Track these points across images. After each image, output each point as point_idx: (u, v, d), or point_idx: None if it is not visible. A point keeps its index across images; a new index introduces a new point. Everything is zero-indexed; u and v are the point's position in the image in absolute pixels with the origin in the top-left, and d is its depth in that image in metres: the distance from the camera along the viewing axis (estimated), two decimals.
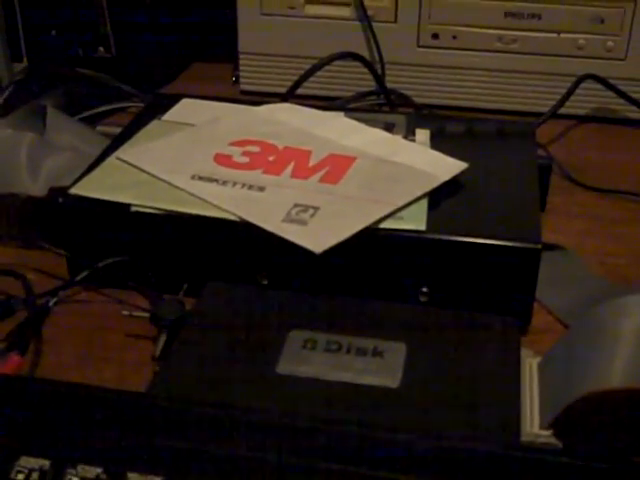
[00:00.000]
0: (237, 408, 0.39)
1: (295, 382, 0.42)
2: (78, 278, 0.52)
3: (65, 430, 0.37)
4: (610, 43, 0.75)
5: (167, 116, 0.63)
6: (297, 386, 0.42)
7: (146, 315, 0.49)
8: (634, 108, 0.76)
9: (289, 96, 0.71)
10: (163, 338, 0.47)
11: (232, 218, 0.50)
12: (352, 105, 0.75)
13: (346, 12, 0.78)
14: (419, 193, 0.51)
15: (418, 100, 0.77)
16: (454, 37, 0.77)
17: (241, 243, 0.51)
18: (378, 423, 0.39)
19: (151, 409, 0.39)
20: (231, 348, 0.45)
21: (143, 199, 0.51)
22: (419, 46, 0.78)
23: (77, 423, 0.37)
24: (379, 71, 0.77)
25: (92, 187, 0.53)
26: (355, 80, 0.78)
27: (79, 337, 0.50)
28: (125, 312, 0.50)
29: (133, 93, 0.76)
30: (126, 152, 0.57)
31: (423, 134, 0.60)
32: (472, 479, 0.35)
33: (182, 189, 0.52)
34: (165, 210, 0.51)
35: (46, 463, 0.35)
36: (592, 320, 0.41)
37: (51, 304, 0.52)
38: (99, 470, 0.35)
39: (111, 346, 0.49)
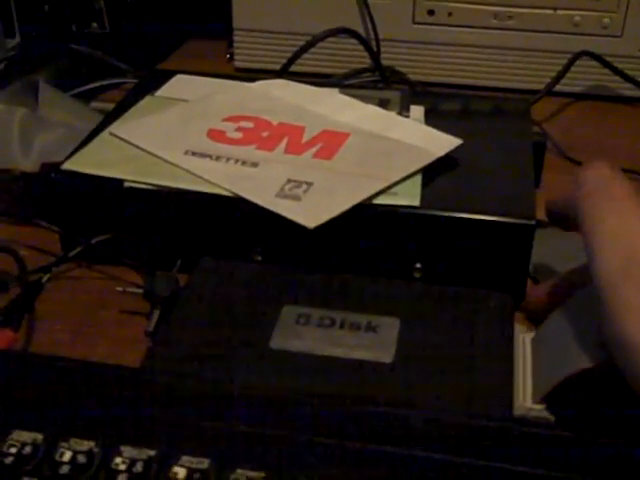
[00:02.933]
0: (230, 382, 0.39)
1: (288, 357, 0.42)
2: (71, 254, 0.52)
3: (58, 404, 0.37)
4: (606, 20, 0.74)
5: (161, 92, 0.62)
6: (290, 361, 0.42)
7: (139, 291, 0.49)
8: (630, 85, 0.75)
9: (283, 73, 0.71)
10: (157, 314, 0.47)
11: (225, 194, 0.50)
12: (347, 82, 0.75)
13: None
14: (413, 169, 0.51)
15: (413, 77, 0.77)
16: (450, 14, 0.76)
17: (234, 219, 0.50)
18: (371, 398, 0.39)
19: (144, 383, 0.39)
20: (224, 323, 0.45)
21: (136, 175, 0.51)
22: (414, 22, 0.77)
23: (70, 397, 0.37)
24: (374, 48, 0.77)
25: (85, 162, 0.52)
26: (350, 57, 0.78)
27: (72, 313, 0.50)
28: (118, 288, 0.50)
29: (127, 69, 0.76)
30: (119, 128, 0.56)
31: (418, 110, 0.60)
32: (465, 452, 0.35)
33: (175, 164, 0.52)
34: (158, 186, 0.51)
35: (39, 437, 0.35)
36: (584, 296, 0.41)
37: (44, 280, 0.52)
38: (92, 444, 0.35)
39: (105, 322, 0.49)
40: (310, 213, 0.48)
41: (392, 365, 0.42)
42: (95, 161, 0.53)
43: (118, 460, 0.34)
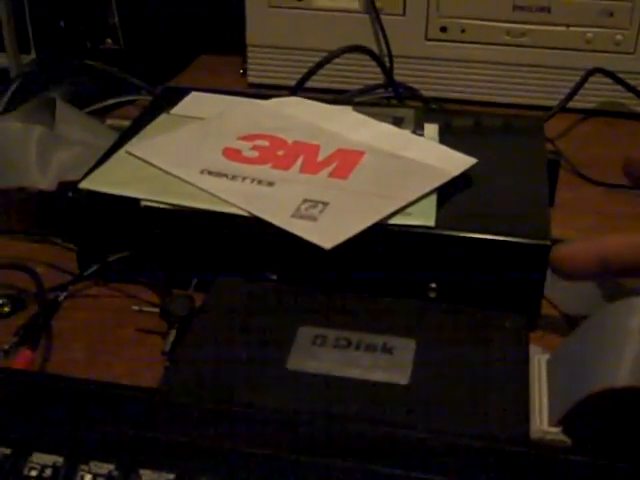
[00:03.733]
0: (248, 404, 0.39)
1: (305, 378, 0.43)
2: (88, 273, 0.52)
3: (77, 426, 0.37)
4: (619, 37, 0.74)
5: (176, 109, 0.63)
6: (307, 382, 0.42)
7: (156, 310, 0.49)
8: None
9: (297, 89, 0.71)
10: (173, 333, 0.48)
11: (241, 213, 0.50)
12: (360, 98, 0.75)
13: (354, 5, 0.78)
14: (428, 188, 0.51)
15: (426, 93, 0.77)
16: (462, 30, 0.77)
17: (250, 238, 0.51)
18: (387, 420, 0.39)
19: (162, 405, 0.39)
20: (241, 344, 0.45)
21: (153, 194, 0.52)
22: (427, 39, 0.78)
23: (89, 419, 0.37)
24: (387, 64, 0.77)
25: (102, 181, 0.53)
26: (363, 73, 0.78)
27: (89, 332, 0.50)
28: (135, 307, 0.50)
29: (141, 86, 0.76)
30: (135, 146, 0.57)
31: (432, 129, 0.60)
32: (481, 476, 0.35)
33: (192, 184, 0.52)
34: (175, 205, 0.51)
35: (59, 460, 0.35)
36: (601, 318, 0.41)
37: (61, 299, 0.52)
38: (111, 467, 0.35)
39: (121, 341, 0.49)
40: (326, 233, 0.48)
41: (408, 387, 0.42)
42: (112, 180, 0.53)
43: None
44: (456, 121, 0.63)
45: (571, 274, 0.45)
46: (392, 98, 0.76)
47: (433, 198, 0.51)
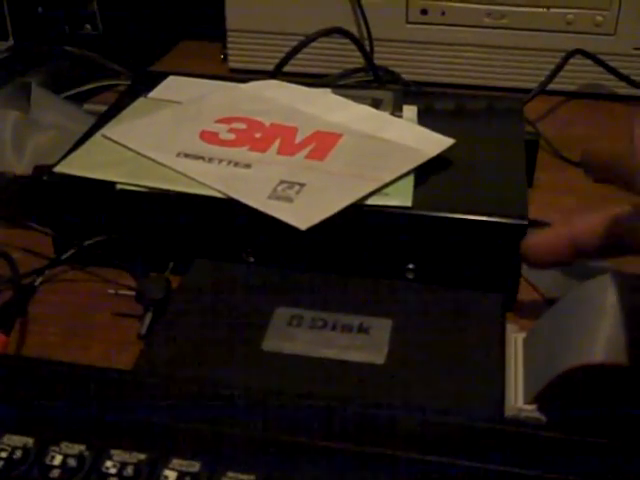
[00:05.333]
0: (222, 385, 0.39)
1: (281, 359, 0.42)
2: (64, 257, 0.52)
3: (49, 408, 0.37)
4: (599, 18, 0.74)
5: (153, 93, 0.62)
6: (283, 363, 0.42)
7: (132, 294, 0.49)
8: (623, 84, 0.75)
9: (277, 73, 0.71)
10: (149, 316, 0.47)
11: (218, 195, 0.50)
12: (340, 82, 0.74)
13: None
14: (405, 169, 0.51)
15: (407, 77, 0.77)
16: (443, 13, 0.76)
17: (227, 220, 0.50)
18: (363, 399, 0.39)
19: (134, 386, 0.39)
20: (217, 325, 0.45)
21: (128, 177, 0.51)
22: (408, 22, 0.77)
23: (60, 401, 0.37)
24: (367, 48, 0.77)
25: (77, 165, 0.52)
26: (344, 57, 0.78)
27: (65, 316, 0.50)
28: (111, 291, 0.50)
29: (120, 71, 0.76)
30: (112, 130, 0.56)
31: (410, 110, 0.60)
32: (456, 453, 0.35)
33: (168, 166, 0.52)
34: (151, 188, 0.51)
35: (29, 441, 0.35)
36: (576, 296, 0.41)
37: (37, 283, 0.52)
38: (82, 447, 0.35)
39: (97, 325, 0.49)
40: (302, 214, 0.48)
41: (384, 366, 0.42)
42: (87, 163, 0.53)
43: (109, 464, 0.34)
44: (435, 103, 0.63)
45: (543, 263, 0.45)
46: (373, 82, 0.76)
47: (410, 179, 0.51)
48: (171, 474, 0.34)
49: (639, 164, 0.37)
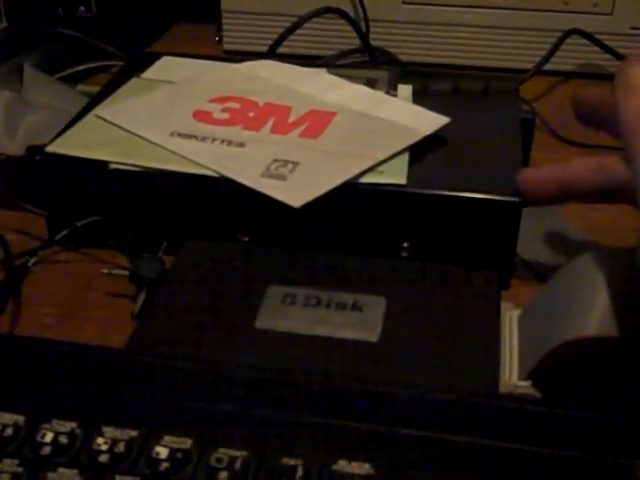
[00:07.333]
0: (215, 363, 0.39)
1: (274, 337, 0.42)
2: (57, 237, 0.52)
3: (39, 385, 0.37)
4: None
5: (147, 74, 0.62)
6: (276, 341, 0.42)
7: (125, 273, 0.49)
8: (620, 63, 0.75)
9: (271, 54, 0.71)
10: (142, 296, 0.47)
11: (211, 174, 0.49)
12: (336, 63, 0.74)
13: None
14: (400, 147, 0.51)
15: (403, 57, 0.77)
16: None
17: (220, 199, 0.50)
18: (357, 376, 0.38)
19: (128, 364, 0.38)
20: (210, 304, 0.44)
21: (121, 156, 0.51)
22: (404, 2, 0.77)
23: (51, 378, 0.37)
24: (364, 28, 0.76)
25: (70, 145, 0.52)
26: (340, 38, 0.77)
27: (58, 296, 0.50)
28: (104, 270, 0.49)
29: (114, 53, 0.75)
30: (105, 110, 0.56)
31: (405, 90, 0.59)
32: (451, 430, 0.35)
33: (161, 146, 0.52)
34: (144, 167, 0.50)
35: (20, 418, 0.35)
36: (569, 271, 0.41)
37: (30, 264, 0.51)
38: (74, 424, 0.35)
39: (91, 305, 0.49)
40: (295, 192, 0.47)
41: (378, 344, 0.42)
42: (80, 143, 0.52)
43: (100, 440, 0.34)
44: (431, 82, 0.62)
45: (535, 199, 0.46)
46: (368, 63, 0.75)
47: (405, 157, 0.51)
48: (163, 450, 0.34)
49: (622, 111, 0.37)
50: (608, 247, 0.40)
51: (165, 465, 0.33)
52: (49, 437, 0.34)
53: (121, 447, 0.34)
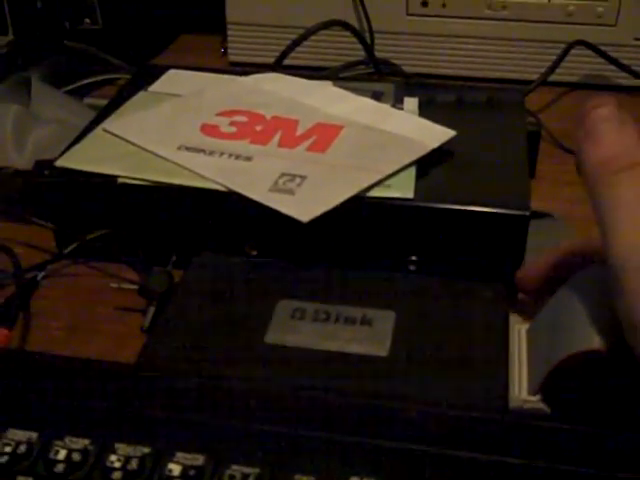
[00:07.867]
0: (225, 378, 0.39)
1: (283, 351, 0.42)
2: (66, 251, 0.52)
3: (52, 402, 0.37)
4: (600, 9, 0.74)
5: (154, 87, 0.62)
6: (285, 356, 0.42)
7: (134, 287, 0.49)
8: (625, 74, 0.75)
9: (277, 66, 0.71)
10: (152, 310, 0.47)
11: (219, 188, 0.50)
12: (341, 75, 0.74)
13: None
14: (407, 161, 0.51)
15: (408, 69, 0.77)
16: (443, 5, 0.76)
17: (229, 213, 0.50)
18: (367, 392, 0.39)
19: (139, 380, 0.39)
20: (219, 318, 0.45)
21: (130, 170, 0.51)
22: (408, 14, 0.77)
23: (65, 395, 0.37)
24: (368, 40, 0.77)
25: (78, 159, 0.52)
26: (344, 50, 0.78)
27: (68, 310, 0.50)
28: (113, 284, 0.50)
29: (120, 65, 0.76)
30: (112, 124, 0.56)
31: (411, 102, 0.60)
32: (460, 445, 0.35)
33: (169, 160, 0.52)
34: (152, 181, 0.51)
35: (33, 435, 0.35)
36: (576, 285, 0.41)
37: (39, 278, 0.52)
38: (87, 441, 0.35)
39: (100, 319, 0.49)
40: (303, 207, 0.47)
41: (387, 358, 0.42)
42: (88, 157, 0.52)
43: (113, 458, 0.34)
44: (436, 95, 0.62)
45: (535, 294, 0.45)
46: (373, 74, 0.75)
47: (412, 170, 0.51)
48: (175, 467, 0.34)
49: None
50: None
51: None
52: (62, 454, 0.34)
53: (134, 464, 0.34)
